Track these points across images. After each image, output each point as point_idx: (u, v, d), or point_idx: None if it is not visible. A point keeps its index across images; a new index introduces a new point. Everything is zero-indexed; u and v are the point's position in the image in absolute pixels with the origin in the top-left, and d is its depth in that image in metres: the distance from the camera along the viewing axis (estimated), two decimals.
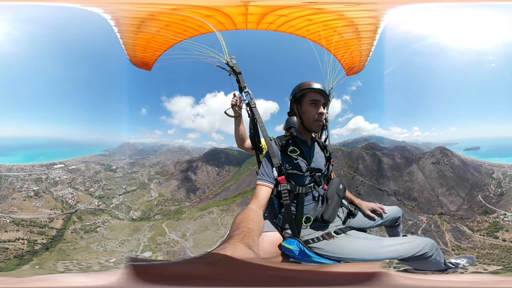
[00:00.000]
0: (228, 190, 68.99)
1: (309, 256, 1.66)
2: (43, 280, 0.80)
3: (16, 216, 40.48)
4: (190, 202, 66.95)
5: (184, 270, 0.67)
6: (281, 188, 1.74)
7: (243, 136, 2.63)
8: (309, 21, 2.55)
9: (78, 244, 39.53)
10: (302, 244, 1.68)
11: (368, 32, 2.61)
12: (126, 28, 2.42)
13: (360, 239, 1.75)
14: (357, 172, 65.08)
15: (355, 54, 2.79)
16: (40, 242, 37.05)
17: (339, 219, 1.95)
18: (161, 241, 46.39)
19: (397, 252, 1.62)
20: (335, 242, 1.71)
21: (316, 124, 1.89)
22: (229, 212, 54.33)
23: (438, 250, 1.73)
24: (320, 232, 1.78)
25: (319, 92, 1.88)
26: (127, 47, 2.60)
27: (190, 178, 75.08)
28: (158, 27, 2.44)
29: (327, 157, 2.06)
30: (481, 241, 38.57)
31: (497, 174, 53.90)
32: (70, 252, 35.99)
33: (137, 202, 60.87)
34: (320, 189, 1.88)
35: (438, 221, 47.05)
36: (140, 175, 72.79)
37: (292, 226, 1.76)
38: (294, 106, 1.98)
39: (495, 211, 44.52)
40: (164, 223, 52.94)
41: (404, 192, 58.86)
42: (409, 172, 62.23)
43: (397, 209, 2.26)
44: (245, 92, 2.21)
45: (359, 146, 76.15)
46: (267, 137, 1.93)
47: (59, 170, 55.16)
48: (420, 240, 1.71)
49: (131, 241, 45.24)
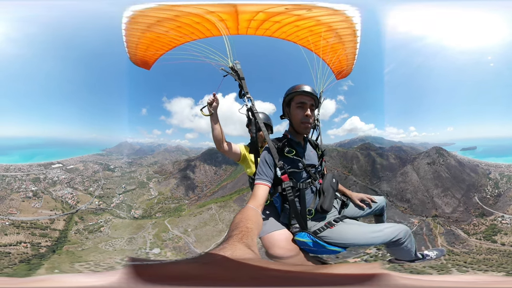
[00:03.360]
0: (225, 188, 68.49)
1: (323, 246, 1.75)
2: (43, 280, 0.78)
3: (16, 218, 37.29)
4: (189, 200, 65.65)
5: (184, 270, 0.65)
6: (285, 186, 1.78)
7: (221, 137, 2.43)
8: (296, 27, 2.54)
9: (84, 245, 37.10)
10: (312, 236, 1.76)
11: (348, 36, 2.57)
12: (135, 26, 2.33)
13: (354, 225, 1.88)
14: (351, 172, 63.28)
15: (342, 58, 2.77)
16: (45, 245, 34.30)
17: (335, 209, 2.04)
18: (166, 238, 45.44)
19: (382, 237, 1.72)
20: (336, 230, 1.80)
21: (303, 126, 1.90)
22: (226, 208, 53.95)
23: (410, 237, 1.83)
24: (322, 222, 1.87)
25: (306, 94, 1.88)
26: (129, 45, 2.50)
27: (189, 176, 73.66)
28: (168, 28, 2.36)
29: (320, 155, 2.11)
30: (477, 246, 34.66)
31: (494, 174, 50.87)
32: (80, 254, 33.51)
33: (137, 200, 58.90)
34: (316, 183, 1.96)
35: (431, 223, 43.40)
36: (139, 174, 70.53)
37: (299, 219, 1.82)
38: (285, 109, 2.00)
39: (493, 213, 40.99)
40: (166, 220, 51.77)
41: (397, 193, 55.75)
42: (403, 173, 59.15)
43: (383, 199, 2.38)
44: (247, 97, 2.18)
45: (354, 146, 73.99)
46: (269, 140, 1.91)
47: (57, 170, 51.89)
48: (397, 226, 1.81)
49: (137, 239, 43.67)
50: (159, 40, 2.48)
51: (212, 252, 0.86)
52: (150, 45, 2.52)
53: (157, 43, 2.51)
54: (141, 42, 2.49)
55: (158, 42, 2.50)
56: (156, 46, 2.53)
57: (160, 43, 2.51)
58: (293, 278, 0.63)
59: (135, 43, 2.50)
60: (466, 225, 40.84)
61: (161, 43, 2.52)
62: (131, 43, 2.49)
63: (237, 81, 2.22)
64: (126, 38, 2.43)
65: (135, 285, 0.60)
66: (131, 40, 2.46)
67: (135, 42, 2.49)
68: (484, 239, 35.59)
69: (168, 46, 2.55)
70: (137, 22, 2.33)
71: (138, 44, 2.52)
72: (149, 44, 2.51)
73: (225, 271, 0.69)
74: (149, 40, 2.47)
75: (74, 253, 33.73)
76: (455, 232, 39.88)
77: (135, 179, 66.90)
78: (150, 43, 2.51)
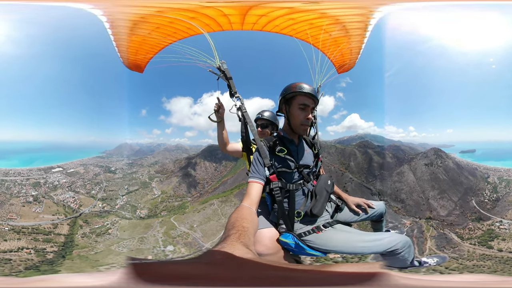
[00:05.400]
0: (226, 183, 67.88)
1: (303, 249, 1.71)
2: (43, 280, 0.77)
3: (16, 223, 35.09)
4: (192, 197, 64.89)
5: (184, 270, 0.64)
6: (273, 186, 1.71)
7: (226, 140, 2.54)
8: (292, 20, 2.39)
9: (96, 248, 35.64)
10: (296, 238, 1.71)
11: (357, 30, 2.46)
12: (119, 30, 2.27)
13: (344, 232, 1.76)
14: (348, 169, 61.13)
15: (345, 52, 2.65)
16: (51, 251, 32.41)
17: (327, 213, 1.94)
18: (175, 235, 44.83)
19: (373, 248, 1.64)
20: (323, 235, 1.72)
21: (302, 128, 1.83)
22: (227, 202, 53.64)
23: (410, 248, 1.73)
24: (310, 226, 1.78)
25: (310, 96, 1.78)
26: (120, 49, 2.43)
27: (190, 174, 72.54)
28: (149, 29, 2.28)
29: (316, 154, 2.00)
30: (469, 251, 32.39)
31: (492, 178, 47.87)
32: (95, 257, 31.93)
33: (141, 201, 57.63)
34: (309, 185, 1.86)
35: (423, 226, 41.35)
36: (140, 174, 68.98)
37: (285, 221, 1.76)
38: (283, 106, 1.89)
39: (490, 218, 38.22)
40: (172, 217, 50.97)
41: (391, 192, 53.59)
42: (399, 173, 56.40)
43: (383, 205, 2.24)
44: (236, 97, 2.11)
45: (353, 143, 71.26)
46: (258, 139, 1.85)
47: (57, 174, 49.74)
48: (395, 236, 1.71)
49: (148, 238, 42.52)
50: (146, 43, 2.41)
51: (212, 251, 0.84)
52: (139, 48, 2.44)
53: (145, 46, 2.43)
54: (129, 46, 2.41)
55: (146, 45, 2.43)
56: (144, 49, 2.45)
57: (148, 46, 2.44)
58: (294, 278, 0.61)
59: (125, 47, 2.42)
60: (461, 229, 38.42)
61: (149, 46, 2.44)
62: (121, 47, 2.41)
63: (225, 81, 2.16)
64: (116, 43, 2.34)
65: (135, 285, 0.59)
66: (120, 44, 2.37)
67: (125, 46, 2.40)
68: (479, 245, 33.45)
69: (156, 48, 2.48)
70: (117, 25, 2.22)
71: (128, 48, 2.43)
72: (137, 47, 2.43)
73: (226, 271, 0.68)
74: (137, 44, 2.40)
75: (88, 257, 32.16)
76: (448, 236, 37.78)
77: (137, 179, 65.43)
78: (138, 47, 2.43)
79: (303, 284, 0.59)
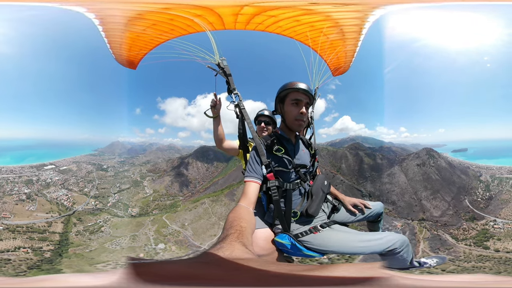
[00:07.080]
0: (217, 184, 68.22)
1: (300, 250, 1.64)
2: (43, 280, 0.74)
3: (10, 222, 34.17)
4: (183, 196, 64.77)
5: (184, 270, 0.62)
6: (270, 185, 1.67)
7: (222, 136, 2.47)
8: (296, 21, 2.40)
9: (90, 246, 35.31)
10: (292, 238, 1.65)
11: (352, 33, 2.46)
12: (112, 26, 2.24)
13: (341, 233, 1.72)
14: (339, 171, 60.98)
15: (340, 55, 2.64)
16: (48, 249, 31.94)
17: (324, 213, 1.91)
18: (166, 233, 44.96)
19: (372, 248, 1.60)
20: (320, 236, 1.68)
21: (296, 124, 1.79)
22: (218, 202, 54.47)
23: (408, 247, 1.69)
24: (307, 226, 1.74)
25: (302, 91, 1.76)
26: (112, 46, 2.37)
27: (183, 173, 72.49)
28: (144, 26, 2.25)
29: (312, 154, 1.99)
30: (465, 252, 31.10)
31: (485, 176, 47.06)
32: (90, 255, 31.77)
33: (133, 199, 57.00)
34: (306, 185, 1.82)
35: (416, 227, 40.35)
36: (132, 173, 67.98)
37: (282, 221, 1.71)
38: (278, 106, 1.89)
39: (484, 217, 37.29)
40: (163, 216, 50.96)
41: (381, 194, 52.35)
42: (390, 174, 55.40)
43: (381, 205, 2.18)
44: (234, 94, 2.08)
45: (345, 145, 71.11)
46: (256, 137, 1.82)
47: (50, 171, 48.37)
48: (393, 236, 1.67)
49: (140, 236, 42.53)
50: (140, 39, 2.35)
51: (211, 251, 0.84)
52: (133, 44, 2.38)
53: (139, 42, 2.37)
54: (123, 42, 2.36)
55: (140, 41, 2.37)
56: (138, 45, 2.39)
57: (142, 42, 2.37)
58: (294, 278, 0.60)
59: (118, 44, 2.38)
60: (455, 230, 37.27)
61: (143, 42, 2.37)
62: (114, 44, 2.37)
63: (224, 78, 2.13)
64: (107, 39, 2.32)
65: (135, 285, 0.58)
66: (112, 40, 2.35)
67: (118, 42, 2.37)
68: (474, 245, 32.14)
69: (151, 45, 2.40)
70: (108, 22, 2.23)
71: (121, 45, 2.39)
72: (131, 43, 2.38)
73: (226, 271, 0.68)
74: (130, 40, 2.34)
75: (84, 255, 32.02)
76: (442, 237, 36.56)
77: (128, 178, 64.53)
78: (132, 43, 2.37)
79: (303, 284, 0.57)
